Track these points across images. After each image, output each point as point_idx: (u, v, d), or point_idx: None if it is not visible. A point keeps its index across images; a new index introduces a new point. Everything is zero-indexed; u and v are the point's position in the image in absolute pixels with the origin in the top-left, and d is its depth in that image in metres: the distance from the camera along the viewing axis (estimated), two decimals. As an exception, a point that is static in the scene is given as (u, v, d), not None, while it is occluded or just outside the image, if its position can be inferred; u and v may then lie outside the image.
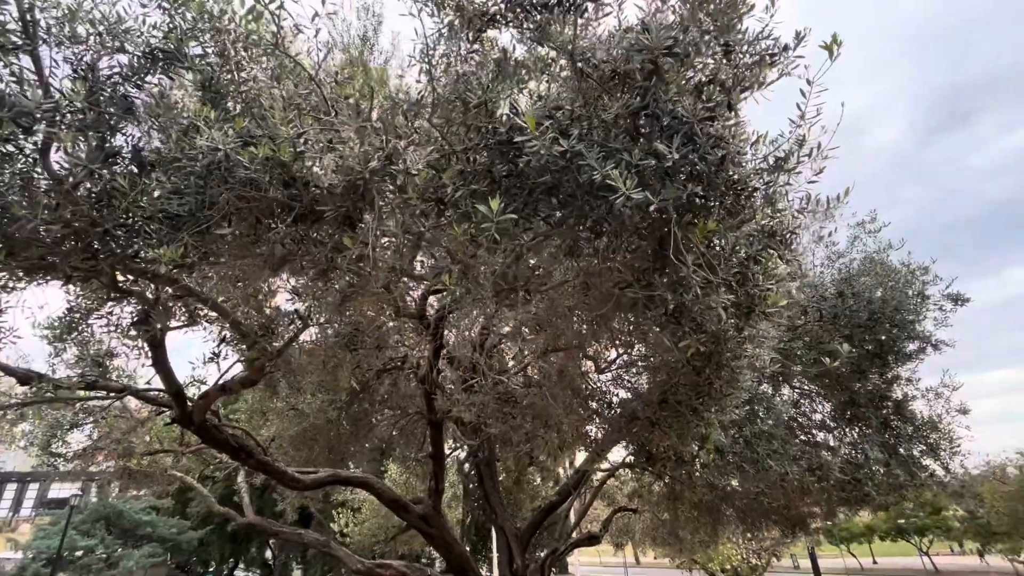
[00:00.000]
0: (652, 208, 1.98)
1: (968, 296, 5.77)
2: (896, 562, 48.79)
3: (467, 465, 8.70)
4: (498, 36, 3.17)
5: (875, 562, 49.36)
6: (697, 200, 2.31)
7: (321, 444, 8.53)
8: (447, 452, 12.08)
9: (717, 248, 2.61)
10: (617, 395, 5.23)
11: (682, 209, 2.26)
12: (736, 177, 2.34)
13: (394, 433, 9.91)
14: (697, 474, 6.08)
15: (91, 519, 27.40)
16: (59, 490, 32.27)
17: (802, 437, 6.79)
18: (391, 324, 4.61)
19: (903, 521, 38.09)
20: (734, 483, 5.73)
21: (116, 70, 2.50)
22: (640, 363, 5.00)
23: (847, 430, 6.43)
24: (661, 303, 2.48)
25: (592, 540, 9.15)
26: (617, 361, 5.15)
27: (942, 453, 6.11)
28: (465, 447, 8.82)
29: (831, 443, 6.41)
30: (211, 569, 40.12)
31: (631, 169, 2.01)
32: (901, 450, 6.21)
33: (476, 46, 2.90)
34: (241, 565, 45.88)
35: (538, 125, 2.13)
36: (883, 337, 5.65)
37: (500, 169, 2.43)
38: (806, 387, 6.66)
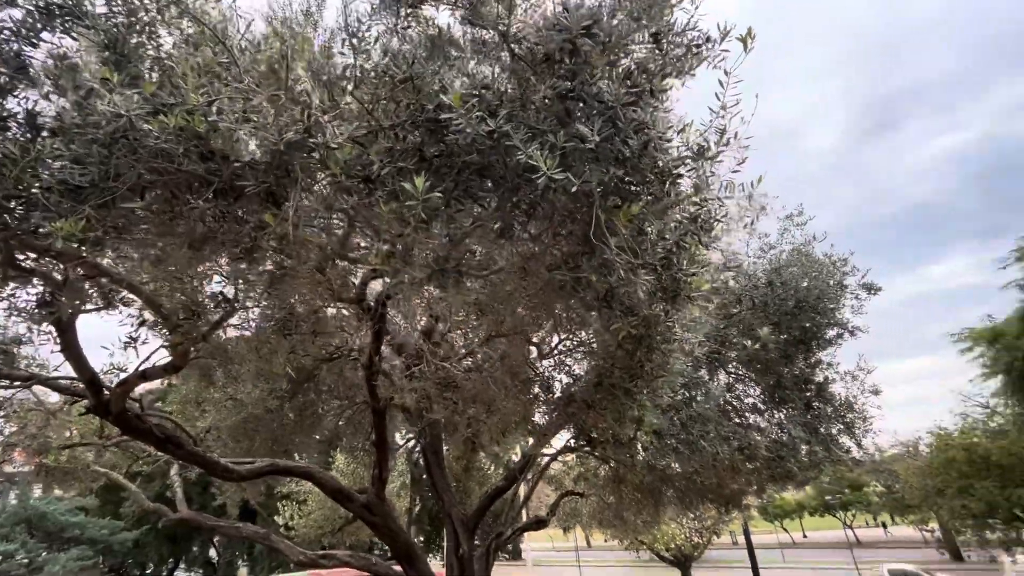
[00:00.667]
0: (574, 190, 2.01)
1: (880, 286, 6.27)
2: (826, 535, 52.61)
3: (415, 453, 8.66)
4: (436, 15, 3.12)
5: (805, 536, 53.15)
6: (621, 184, 2.37)
7: (263, 435, 8.25)
8: (400, 441, 11.97)
9: (649, 234, 2.69)
10: (560, 380, 5.34)
11: (607, 192, 2.31)
12: (661, 163, 2.42)
13: (340, 423, 9.71)
14: (640, 457, 6.31)
15: (10, 522, 25.39)
16: (-29, 492, 29.50)
17: (736, 420, 7.16)
18: (329, 309, 4.49)
19: (829, 497, 41.09)
20: (674, 465, 5.98)
21: (7, 25, 2.28)
22: (582, 348, 5.12)
23: (775, 412, 6.85)
24: (588, 286, 2.54)
25: (539, 524, 9.33)
26: (560, 346, 5.24)
27: (856, 431, 6.63)
28: (415, 435, 8.76)
29: (760, 424, 6.82)
30: (149, 571, 38.12)
31: (555, 151, 2.04)
32: (821, 429, 6.68)
33: (410, 22, 2.85)
34: (182, 565, 43.87)
35: (465, 103, 2.12)
36: (807, 324, 6.03)
37: (431, 148, 2.40)
38: (740, 371, 7.02)
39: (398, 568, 6.64)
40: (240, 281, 3.19)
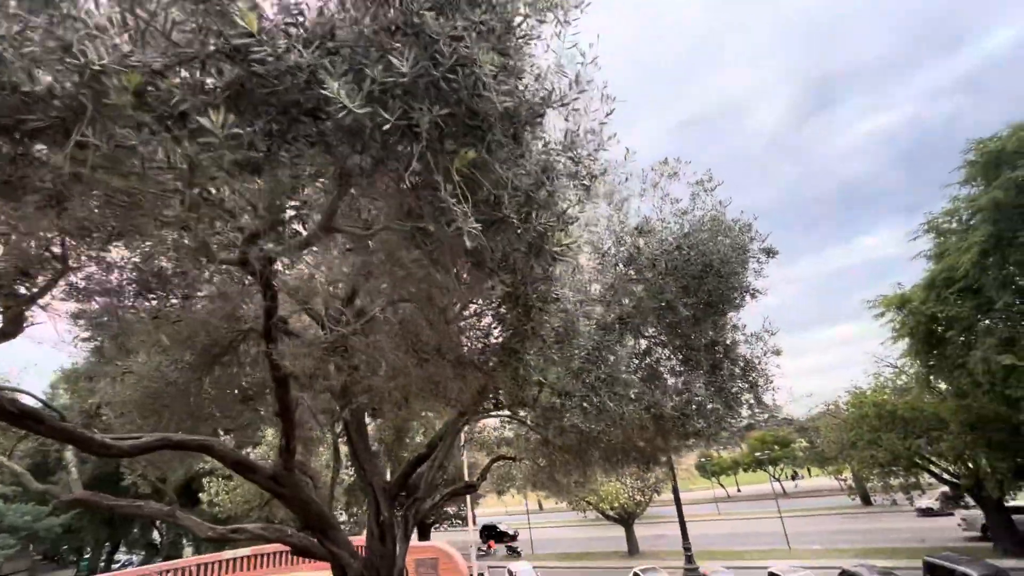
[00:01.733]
0: (387, 128, 1.87)
1: (777, 249, 6.52)
2: (758, 488, 56.87)
3: (338, 423, 8.53)
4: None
5: (739, 490, 57.33)
6: (465, 126, 2.24)
7: (176, 410, 7.82)
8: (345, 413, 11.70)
9: (508, 185, 2.59)
10: (466, 345, 5.27)
11: (444, 135, 2.18)
12: (505, 106, 2.30)
13: (267, 393, 9.35)
14: (568, 420, 6.41)
15: (-82, 514, 23.55)
16: None
17: (652, 382, 7.39)
18: (207, 271, 4.17)
19: (759, 454, 44.23)
20: (588, 425, 6.10)
21: None
22: (488, 311, 5.05)
23: (686, 373, 7.11)
24: (428, 236, 2.43)
25: (468, 488, 9.46)
26: (468, 310, 5.16)
27: (759, 389, 7.00)
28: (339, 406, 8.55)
29: (676, 385, 7.07)
30: (86, 556, 36.47)
31: (370, 85, 1.88)
32: (732, 388, 7.01)
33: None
34: (123, 548, 42.27)
35: (271, 32, 1.91)
36: (712, 287, 6.22)
37: (252, 84, 2.17)
38: (656, 335, 7.22)
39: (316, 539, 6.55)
40: (71, 237, 2.86)
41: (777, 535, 27.42)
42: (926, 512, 27.82)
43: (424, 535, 35.56)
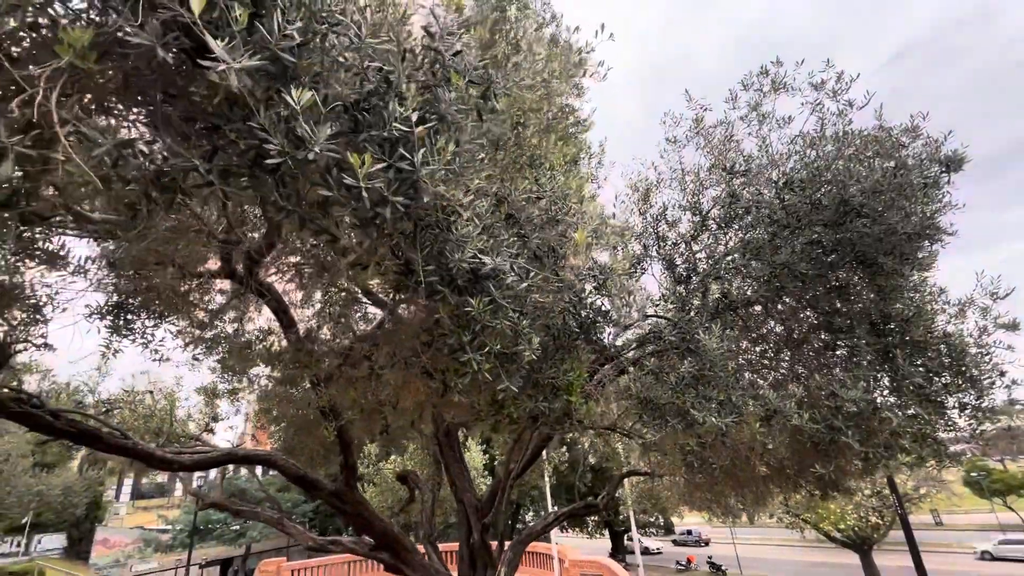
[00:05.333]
0: None
1: (963, 155, 3.77)
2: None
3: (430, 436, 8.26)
4: None
5: (1043, 517, 41.68)
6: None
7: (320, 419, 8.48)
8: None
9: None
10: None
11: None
12: None
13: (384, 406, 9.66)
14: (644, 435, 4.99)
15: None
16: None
17: (804, 380, 5.34)
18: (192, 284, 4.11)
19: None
20: (652, 439, 4.58)
21: None
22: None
23: (835, 365, 4.87)
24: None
25: (588, 509, 8.30)
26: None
27: (979, 384, 4.36)
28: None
29: (813, 383, 4.89)
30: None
31: None
32: (920, 386, 4.55)
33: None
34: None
35: None
36: (856, 235, 4.03)
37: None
38: (782, 313, 5.15)
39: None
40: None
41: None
42: None
43: (617, 545, 34.36)
